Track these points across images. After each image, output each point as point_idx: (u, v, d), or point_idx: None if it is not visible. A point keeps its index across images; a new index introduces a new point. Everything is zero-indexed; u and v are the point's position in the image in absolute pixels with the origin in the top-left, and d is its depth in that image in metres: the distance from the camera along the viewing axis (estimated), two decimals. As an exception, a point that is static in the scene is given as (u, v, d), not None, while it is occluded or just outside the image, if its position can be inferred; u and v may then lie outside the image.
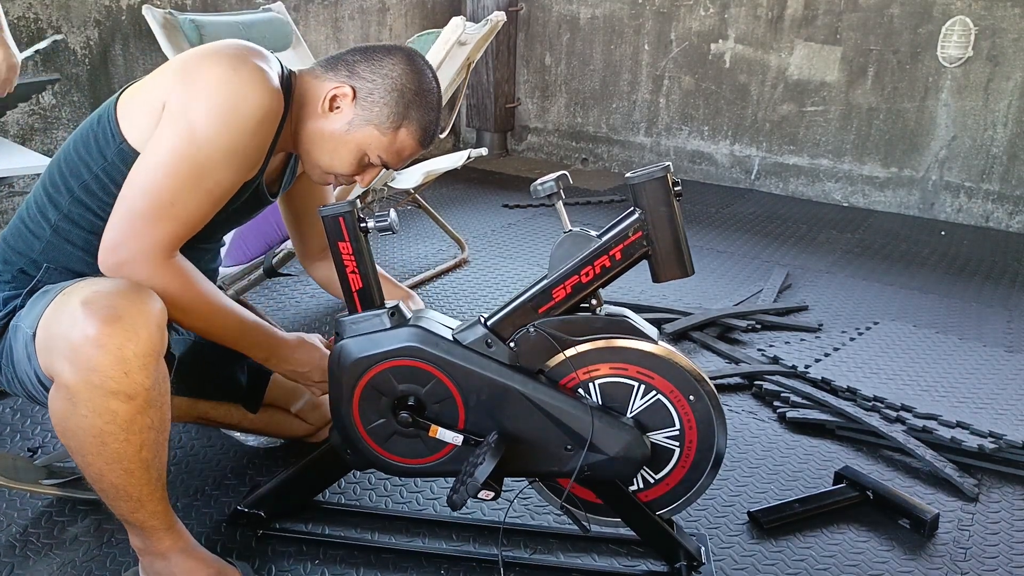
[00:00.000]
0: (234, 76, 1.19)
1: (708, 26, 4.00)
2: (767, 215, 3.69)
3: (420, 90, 1.33)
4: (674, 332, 2.35)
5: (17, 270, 1.30)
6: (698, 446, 1.31)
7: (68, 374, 1.09)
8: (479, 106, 4.56)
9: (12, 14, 2.67)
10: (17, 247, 1.31)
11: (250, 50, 1.25)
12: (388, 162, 1.36)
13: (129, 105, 1.25)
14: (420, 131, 1.35)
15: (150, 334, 1.11)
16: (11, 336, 1.26)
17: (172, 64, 1.25)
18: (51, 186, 1.29)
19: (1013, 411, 1.90)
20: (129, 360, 1.09)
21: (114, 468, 1.15)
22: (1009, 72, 3.37)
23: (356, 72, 1.31)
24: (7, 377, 1.30)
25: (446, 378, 1.29)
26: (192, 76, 1.20)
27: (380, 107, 1.30)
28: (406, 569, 1.41)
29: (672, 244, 1.25)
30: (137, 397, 1.11)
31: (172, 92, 1.20)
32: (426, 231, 3.29)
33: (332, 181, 1.40)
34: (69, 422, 1.12)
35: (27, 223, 1.31)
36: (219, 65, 1.20)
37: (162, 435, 1.18)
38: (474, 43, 2.45)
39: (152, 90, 1.23)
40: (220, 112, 1.18)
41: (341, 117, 1.31)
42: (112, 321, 1.08)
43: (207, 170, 1.20)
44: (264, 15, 2.77)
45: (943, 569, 1.46)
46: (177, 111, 1.19)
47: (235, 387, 1.58)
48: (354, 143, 1.32)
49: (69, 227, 1.28)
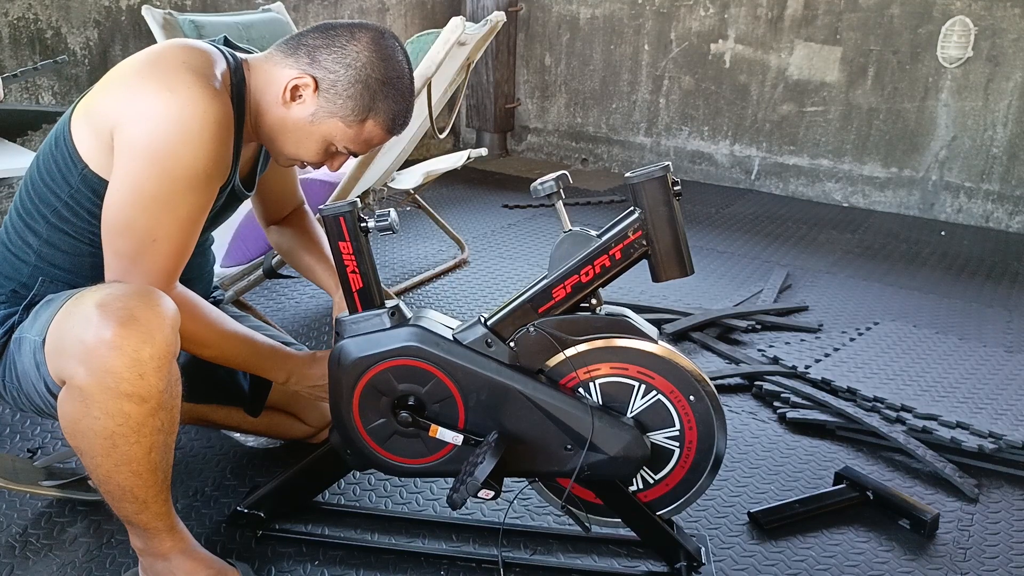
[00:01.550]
0: (171, 98, 1.14)
1: (708, 26, 4.00)
2: (767, 215, 3.69)
3: (387, 79, 1.26)
4: (674, 332, 2.35)
5: (10, 291, 1.30)
6: (698, 447, 1.30)
7: (82, 376, 1.09)
8: (479, 106, 4.56)
9: (12, 14, 2.67)
10: (5, 271, 1.30)
11: (188, 55, 1.20)
12: (356, 151, 1.31)
13: (81, 125, 1.21)
14: (388, 121, 1.29)
15: (165, 336, 1.11)
16: (13, 351, 1.25)
17: (116, 78, 1.20)
18: (24, 213, 1.27)
19: (1013, 411, 1.90)
20: (145, 362, 1.09)
21: (123, 470, 1.15)
22: (1009, 72, 3.37)
23: (317, 59, 1.24)
24: (12, 394, 1.29)
25: (446, 378, 1.29)
26: (131, 101, 1.16)
27: (344, 100, 1.24)
28: (406, 570, 1.41)
29: (672, 244, 1.25)
30: (150, 400, 1.11)
31: (117, 119, 1.16)
32: (426, 231, 3.29)
33: (299, 165, 1.37)
34: (80, 424, 1.12)
35: (10, 248, 1.30)
36: (156, 87, 1.15)
37: (171, 437, 1.19)
38: (474, 43, 2.44)
39: (100, 109, 1.19)
40: (165, 140, 1.14)
41: (304, 108, 1.25)
42: (128, 323, 1.08)
43: (176, 200, 1.17)
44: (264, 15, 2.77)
45: (943, 569, 1.46)
46: (124, 147, 1.15)
47: (237, 391, 1.58)
48: (319, 134, 1.27)
49: (52, 251, 1.27)
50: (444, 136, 2.49)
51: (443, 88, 2.52)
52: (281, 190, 1.59)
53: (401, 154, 2.50)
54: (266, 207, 1.61)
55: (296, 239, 1.57)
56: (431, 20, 4.32)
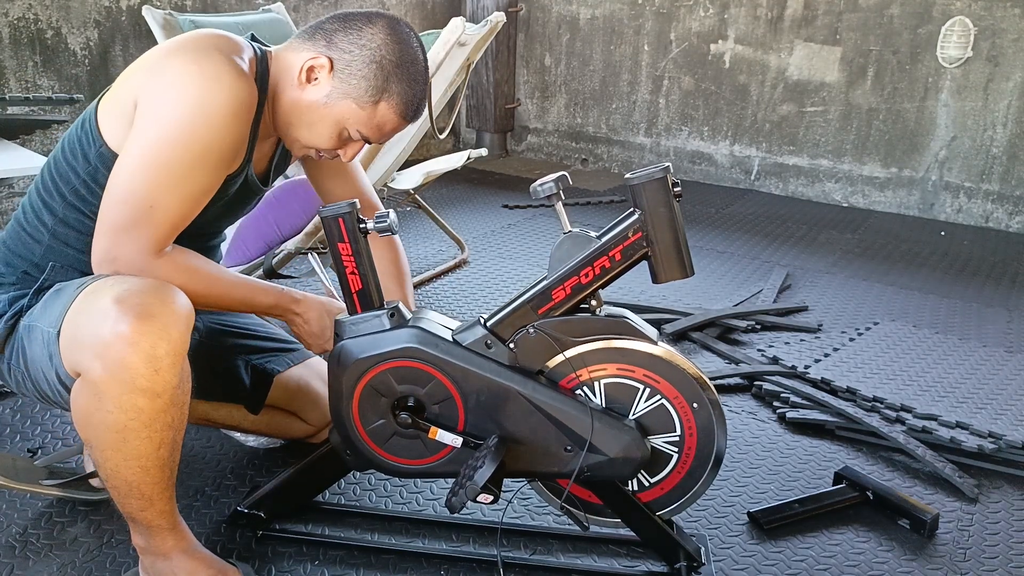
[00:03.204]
0: (198, 72, 1.16)
1: (708, 26, 4.00)
2: (767, 215, 3.69)
3: (402, 61, 1.27)
4: (674, 332, 2.35)
5: (21, 272, 1.30)
6: (697, 452, 1.31)
7: (97, 370, 1.09)
8: (479, 106, 4.56)
9: (12, 14, 2.68)
10: (17, 251, 1.31)
11: (218, 40, 1.22)
12: (369, 137, 1.31)
13: (108, 105, 1.24)
14: (402, 105, 1.29)
15: (181, 333, 1.12)
16: (23, 336, 1.25)
17: (143, 59, 1.23)
18: (44, 191, 1.29)
19: (1013, 411, 1.90)
20: (161, 358, 1.09)
21: (131, 465, 1.16)
22: (1009, 72, 3.37)
23: (333, 42, 1.26)
24: (16, 379, 1.29)
25: (446, 379, 1.29)
26: (158, 74, 1.18)
27: (358, 80, 1.25)
28: (406, 570, 1.41)
29: (672, 245, 1.25)
30: (163, 395, 1.12)
31: (141, 90, 1.19)
32: (426, 231, 3.29)
33: (314, 155, 1.37)
34: (93, 417, 1.13)
35: (25, 227, 1.31)
36: (184, 61, 1.17)
37: (179, 434, 1.19)
38: (474, 44, 2.44)
39: (126, 88, 1.22)
40: (187, 111, 1.16)
41: (318, 89, 1.27)
42: (146, 319, 1.08)
43: (182, 171, 1.18)
44: (264, 15, 2.77)
45: (943, 569, 1.46)
46: (146, 112, 1.17)
47: (238, 388, 1.58)
48: (332, 117, 1.28)
49: (66, 231, 1.28)
50: (444, 136, 2.49)
51: (443, 88, 2.53)
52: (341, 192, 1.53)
53: (401, 154, 2.51)
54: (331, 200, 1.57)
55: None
56: (431, 20, 4.32)
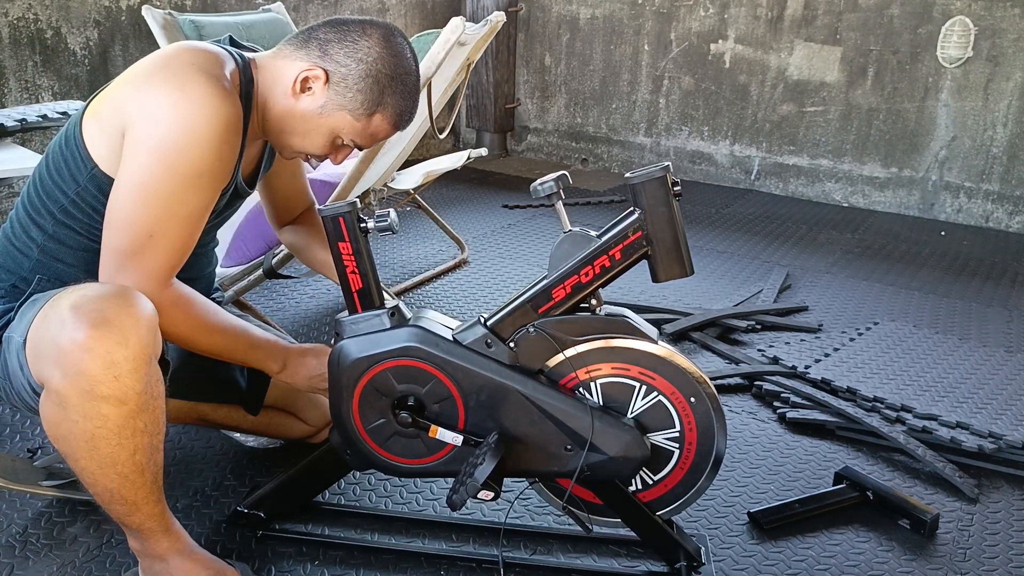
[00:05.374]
0: (182, 98, 1.15)
1: (708, 26, 4.00)
2: (767, 215, 3.69)
3: (396, 74, 1.28)
4: (674, 332, 2.35)
5: (9, 285, 1.30)
6: (698, 448, 1.31)
7: (57, 379, 1.08)
8: (479, 106, 4.56)
9: (12, 14, 2.67)
10: (6, 265, 1.30)
11: (198, 57, 1.21)
12: (361, 144, 1.34)
13: (93, 124, 1.22)
14: (396, 116, 1.31)
15: (140, 338, 1.10)
16: (5, 348, 1.25)
17: (127, 75, 1.22)
18: (31, 208, 1.28)
19: (1013, 411, 1.90)
20: (119, 364, 1.08)
21: (108, 472, 1.14)
22: (1009, 72, 3.37)
23: (329, 53, 1.26)
24: (6, 391, 1.29)
25: (446, 378, 1.29)
26: (143, 100, 1.17)
27: (354, 93, 1.26)
28: (406, 570, 1.41)
29: (672, 244, 1.25)
30: (128, 401, 1.10)
31: (128, 117, 1.17)
32: (426, 231, 3.29)
33: (303, 158, 1.38)
34: (60, 427, 1.12)
35: (13, 242, 1.30)
36: (169, 88, 1.16)
37: (156, 438, 1.17)
38: (474, 43, 2.44)
39: (111, 109, 1.20)
40: (176, 138, 1.15)
41: (313, 100, 1.27)
42: (100, 325, 1.07)
43: (178, 198, 1.18)
44: (264, 15, 2.77)
45: (943, 569, 1.46)
46: (137, 141, 1.16)
47: (236, 389, 1.58)
48: (327, 127, 1.29)
49: (56, 246, 1.28)
50: (444, 136, 2.49)
51: (443, 88, 2.52)
52: (291, 192, 1.60)
53: (401, 154, 2.50)
54: (277, 209, 1.62)
55: (310, 237, 1.57)
56: (431, 20, 4.32)
